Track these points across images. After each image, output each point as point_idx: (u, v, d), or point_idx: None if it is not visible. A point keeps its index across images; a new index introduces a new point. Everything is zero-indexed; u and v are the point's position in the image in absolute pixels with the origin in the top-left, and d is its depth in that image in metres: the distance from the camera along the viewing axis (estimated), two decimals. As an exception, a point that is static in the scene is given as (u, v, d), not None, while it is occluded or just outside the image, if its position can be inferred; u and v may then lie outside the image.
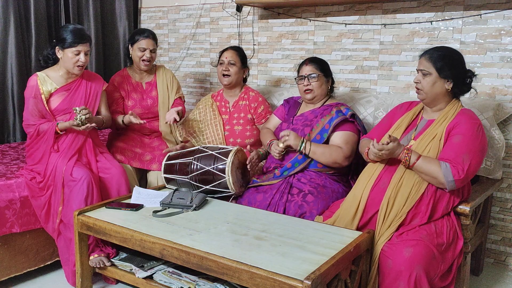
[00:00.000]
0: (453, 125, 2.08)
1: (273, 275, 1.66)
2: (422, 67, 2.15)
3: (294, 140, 2.46)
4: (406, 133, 2.23)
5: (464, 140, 2.02)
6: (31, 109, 2.59)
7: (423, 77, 2.14)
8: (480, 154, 2.03)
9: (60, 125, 2.56)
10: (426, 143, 2.11)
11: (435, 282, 1.97)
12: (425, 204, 2.05)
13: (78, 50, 2.58)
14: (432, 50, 2.17)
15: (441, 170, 1.98)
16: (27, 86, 2.63)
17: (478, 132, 2.05)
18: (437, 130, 2.11)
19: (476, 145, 2.02)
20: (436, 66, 2.12)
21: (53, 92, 2.64)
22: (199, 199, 2.36)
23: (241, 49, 3.04)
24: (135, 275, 2.20)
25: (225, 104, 3.02)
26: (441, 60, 2.13)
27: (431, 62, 2.13)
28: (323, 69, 2.63)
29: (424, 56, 2.17)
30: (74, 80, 2.70)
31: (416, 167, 2.03)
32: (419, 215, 2.05)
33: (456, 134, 2.05)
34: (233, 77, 2.93)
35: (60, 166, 2.51)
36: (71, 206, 2.44)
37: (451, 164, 1.98)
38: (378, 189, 2.12)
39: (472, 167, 1.99)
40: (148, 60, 3.02)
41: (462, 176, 1.97)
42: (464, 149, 2.00)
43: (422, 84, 2.14)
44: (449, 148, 2.03)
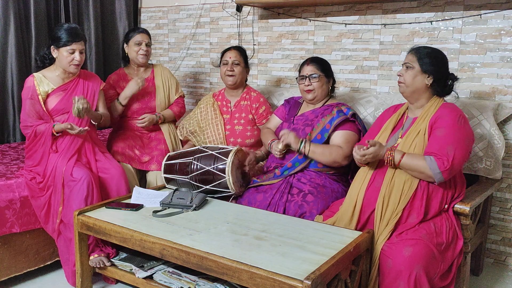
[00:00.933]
0: (434, 119, 2.12)
1: (273, 275, 1.66)
2: (407, 60, 2.21)
3: (293, 140, 2.46)
4: (393, 133, 2.27)
5: (447, 132, 2.05)
6: (28, 110, 2.58)
7: (406, 70, 2.20)
8: (464, 144, 2.06)
9: (56, 127, 2.55)
10: (411, 140, 2.15)
11: (435, 281, 1.97)
12: (419, 199, 2.08)
13: (73, 48, 2.58)
14: (419, 47, 2.24)
15: (426, 164, 2.01)
16: (24, 87, 2.63)
17: (459, 122, 2.08)
18: (421, 126, 2.15)
19: (460, 135, 2.05)
20: (420, 61, 2.18)
21: (50, 93, 2.63)
22: (199, 199, 2.36)
23: (244, 49, 3.04)
24: (135, 275, 2.20)
25: (227, 103, 3.02)
26: (426, 56, 2.20)
27: (416, 56, 2.20)
28: (324, 69, 2.63)
29: (411, 51, 2.23)
30: (71, 80, 2.69)
31: (402, 165, 2.07)
32: (415, 211, 2.07)
33: (439, 127, 2.09)
34: (238, 77, 2.93)
35: (60, 166, 2.51)
36: (71, 206, 2.44)
37: (436, 156, 2.02)
38: (372, 189, 2.14)
39: (457, 157, 2.02)
40: (145, 54, 3.04)
41: (448, 167, 1.99)
42: (448, 140, 2.03)
43: (405, 77, 2.20)
44: (433, 142, 2.07)
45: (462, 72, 2.86)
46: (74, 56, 2.58)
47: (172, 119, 3.18)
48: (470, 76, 2.84)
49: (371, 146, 2.08)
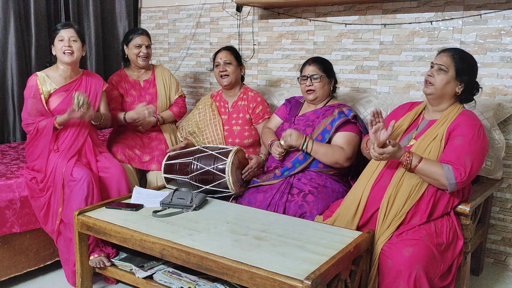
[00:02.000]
0: (454, 126, 2.08)
1: (273, 275, 1.66)
2: (441, 62, 2.12)
3: (296, 140, 2.45)
4: (407, 133, 2.23)
5: (466, 142, 2.02)
6: (30, 109, 2.58)
7: (438, 72, 2.11)
8: (481, 156, 2.04)
9: (58, 119, 2.55)
10: (427, 144, 2.10)
11: (435, 281, 1.97)
12: (425, 203, 2.05)
13: (62, 36, 2.59)
14: (455, 49, 2.15)
15: (443, 172, 1.98)
16: (26, 85, 2.63)
17: (479, 133, 2.05)
18: (438, 130, 2.11)
19: (477, 146, 2.02)
20: (457, 67, 2.10)
21: (52, 92, 2.64)
22: (199, 199, 2.36)
23: (234, 48, 3.03)
24: (135, 275, 2.20)
25: (224, 104, 3.02)
26: (463, 62, 2.11)
27: (453, 60, 2.11)
28: (326, 70, 2.63)
29: (447, 52, 2.14)
30: (73, 80, 2.70)
31: (418, 170, 2.03)
32: (419, 214, 2.05)
33: (457, 135, 2.05)
34: (232, 76, 2.93)
35: (60, 166, 2.51)
36: (72, 206, 2.44)
37: (453, 166, 1.98)
38: (379, 188, 2.12)
39: (474, 169, 1.99)
40: (146, 56, 3.05)
41: (464, 178, 1.97)
42: (466, 151, 2.00)
43: (435, 78, 2.12)
44: (450, 150, 2.03)
45: (462, 72, 2.86)
46: (63, 43, 2.59)
47: (171, 120, 3.18)
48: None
49: (391, 146, 2.02)
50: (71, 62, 2.64)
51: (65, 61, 2.62)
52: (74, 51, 2.62)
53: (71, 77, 2.69)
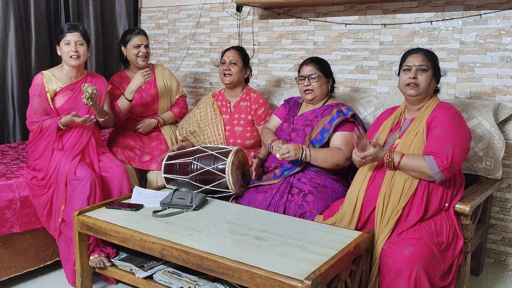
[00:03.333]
0: (431, 119, 2.13)
1: (273, 275, 1.66)
2: (419, 62, 2.17)
3: (295, 155, 2.42)
4: (391, 134, 2.28)
5: (444, 131, 2.06)
6: (36, 107, 2.60)
7: (420, 72, 2.17)
8: (462, 142, 2.07)
9: (63, 119, 2.57)
10: (410, 141, 2.15)
11: (435, 281, 1.97)
12: (419, 198, 2.08)
13: (68, 40, 2.60)
14: (424, 50, 2.23)
15: (426, 163, 2.02)
16: (32, 84, 2.65)
17: (456, 120, 2.09)
18: (419, 126, 2.16)
19: (457, 133, 2.06)
20: (433, 64, 2.19)
21: (58, 91, 2.65)
22: (199, 199, 2.36)
23: (243, 49, 3.04)
24: (135, 275, 2.20)
25: (226, 104, 3.02)
26: (435, 59, 2.21)
27: (428, 59, 2.19)
28: (323, 70, 2.63)
29: (419, 52, 2.20)
30: (79, 79, 2.72)
31: (402, 166, 2.07)
32: (415, 209, 2.07)
33: (436, 126, 2.10)
34: (234, 77, 2.93)
35: (64, 165, 2.52)
36: (74, 205, 2.44)
37: (435, 155, 2.02)
38: (373, 188, 2.15)
39: (456, 155, 2.02)
40: (145, 56, 3.05)
41: (447, 165, 2.00)
42: (445, 139, 2.04)
43: (419, 79, 2.17)
44: (430, 141, 2.08)
45: (462, 72, 2.86)
46: (70, 47, 2.60)
47: (172, 121, 3.18)
48: (470, 76, 2.84)
49: (372, 147, 2.08)
50: (77, 66, 2.66)
51: (71, 64, 2.64)
52: (81, 55, 2.64)
53: (77, 77, 2.72)
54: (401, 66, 2.26)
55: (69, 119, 2.55)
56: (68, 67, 2.67)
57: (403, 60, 2.25)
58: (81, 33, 2.65)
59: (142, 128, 3.03)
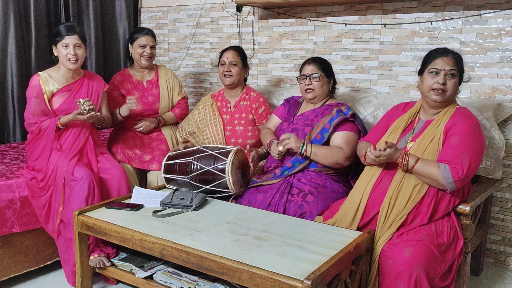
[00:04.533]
0: (450, 125, 2.07)
1: (273, 275, 1.66)
2: (449, 67, 2.05)
3: (295, 143, 2.44)
4: (403, 135, 2.22)
5: (462, 140, 2.01)
6: (33, 109, 2.59)
7: (450, 77, 2.06)
8: (478, 153, 2.03)
9: (62, 119, 2.56)
10: (425, 145, 2.09)
11: (435, 282, 1.96)
12: (426, 205, 2.05)
13: (66, 42, 2.59)
14: (454, 52, 2.10)
15: (440, 172, 1.97)
16: (29, 85, 2.63)
17: (475, 131, 2.04)
18: (436, 131, 2.10)
19: (474, 144, 2.01)
20: (460, 69, 2.09)
21: (55, 92, 2.64)
22: (199, 199, 2.36)
23: (242, 49, 3.04)
24: (135, 275, 2.20)
25: (226, 104, 3.02)
26: (462, 63, 2.10)
27: (457, 64, 2.07)
28: (325, 69, 2.63)
29: (449, 56, 2.08)
30: (75, 80, 2.71)
31: (415, 170, 2.03)
32: (420, 216, 2.05)
33: (454, 134, 2.04)
34: (235, 78, 2.93)
35: (61, 166, 2.51)
36: (72, 205, 2.44)
37: (450, 165, 1.98)
38: (379, 191, 2.11)
39: (471, 167, 1.98)
40: (149, 56, 3.05)
41: (462, 177, 1.96)
42: (462, 149, 1.99)
43: (448, 85, 2.06)
44: (447, 149, 2.03)
45: (462, 72, 2.86)
46: (68, 50, 2.58)
47: (173, 121, 3.18)
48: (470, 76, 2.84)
49: (388, 148, 2.01)
50: (76, 69, 2.66)
51: (69, 68, 2.63)
52: (79, 58, 2.63)
53: (73, 78, 2.70)
54: (425, 66, 2.12)
55: (68, 118, 2.55)
56: (66, 70, 2.66)
57: (430, 61, 2.10)
58: (80, 36, 2.64)
59: (142, 127, 3.03)
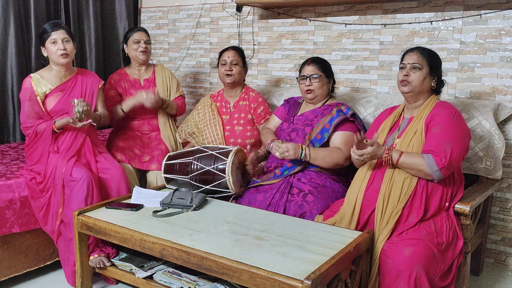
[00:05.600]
0: (430, 118, 2.14)
1: (273, 275, 1.66)
2: (413, 60, 2.20)
3: (294, 154, 2.42)
4: (390, 134, 2.28)
5: (443, 129, 2.07)
6: (28, 112, 2.57)
7: (413, 70, 2.19)
8: (461, 140, 2.08)
9: (57, 123, 2.55)
10: (408, 140, 2.16)
11: (435, 281, 1.97)
12: (418, 198, 2.08)
13: (54, 38, 2.57)
14: (422, 48, 2.25)
15: (424, 161, 2.03)
16: (22, 88, 2.62)
17: (455, 119, 2.10)
18: (417, 125, 2.17)
19: (456, 131, 2.07)
20: (429, 63, 2.20)
21: (48, 93, 2.62)
22: (199, 199, 2.36)
23: (241, 49, 3.05)
24: (135, 275, 2.20)
25: (226, 104, 3.02)
26: (433, 58, 2.22)
27: (424, 58, 2.20)
28: (325, 70, 2.63)
29: (415, 51, 2.23)
30: (68, 79, 2.68)
31: (401, 164, 2.08)
32: (415, 210, 2.07)
33: (434, 125, 2.10)
34: (236, 77, 2.93)
35: (60, 167, 2.50)
36: (72, 206, 2.44)
37: (433, 154, 2.03)
38: (372, 189, 2.15)
39: (454, 154, 2.03)
40: (145, 51, 3.05)
41: (446, 164, 2.01)
42: (444, 137, 2.05)
43: (412, 77, 2.19)
44: (429, 140, 2.09)
45: (462, 72, 2.86)
46: (57, 46, 2.56)
47: (174, 111, 3.13)
48: (470, 76, 2.84)
49: (369, 146, 2.08)
50: (67, 63, 2.64)
51: (61, 63, 2.60)
52: (69, 53, 2.60)
53: (66, 77, 2.68)
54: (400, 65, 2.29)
55: (63, 122, 2.53)
56: (56, 66, 2.63)
57: (401, 58, 2.29)
58: (66, 31, 2.62)
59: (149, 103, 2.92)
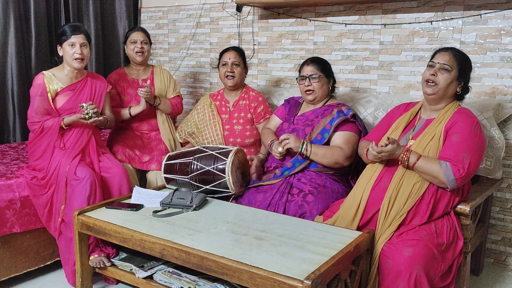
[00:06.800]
0: (451, 124, 2.09)
1: (273, 275, 1.66)
2: (444, 61, 2.11)
3: (294, 143, 2.45)
4: (404, 133, 2.23)
5: (463, 139, 2.02)
6: (37, 107, 2.60)
7: (442, 71, 2.11)
8: (479, 152, 2.04)
9: (66, 120, 2.57)
10: (425, 143, 2.11)
11: (435, 282, 1.97)
12: (425, 203, 2.05)
13: (73, 42, 2.59)
14: (456, 49, 2.16)
15: (441, 169, 1.98)
16: (33, 84, 2.64)
17: (476, 130, 2.06)
18: (436, 129, 2.12)
19: (475, 143, 2.03)
20: (460, 66, 2.12)
21: (59, 91, 2.65)
22: (199, 199, 2.36)
23: (242, 50, 3.04)
24: (135, 275, 2.20)
25: (225, 103, 3.01)
26: (465, 63, 2.14)
27: (455, 60, 2.12)
28: (324, 70, 2.63)
29: (449, 52, 2.14)
30: (79, 80, 2.71)
31: (417, 167, 2.03)
32: (420, 214, 2.05)
33: (455, 133, 2.06)
34: (238, 78, 2.93)
35: (64, 164, 2.51)
36: (73, 205, 2.44)
37: (452, 163, 1.99)
38: (379, 189, 2.12)
39: (472, 165, 2.00)
40: (141, 51, 3.05)
41: (463, 174, 1.97)
42: (463, 147, 2.01)
43: (439, 78, 2.10)
44: (448, 147, 2.04)
45: (462, 72, 2.86)
46: (75, 49, 2.59)
47: (168, 108, 3.11)
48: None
49: (390, 144, 2.03)
50: (81, 68, 2.67)
51: (75, 67, 2.64)
52: (85, 57, 2.64)
53: (77, 78, 2.71)
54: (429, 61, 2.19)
55: (72, 119, 2.56)
56: (69, 67, 2.67)
57: (432, 56, 2.18)
58: (85, 35, 2.66)
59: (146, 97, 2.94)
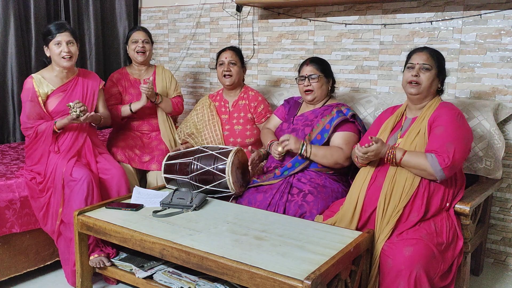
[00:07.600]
0: (433, 118, 2.13)
1: (273, 275, 1.66)
2: (423, 61, 2.16)
3: (294, 144, 2.45)
4: (392, 134, 2.27)
5: (446, 130, 2.07)
6: (29, 112, 2.56)
7: (423, 71, 2.16)
8: (464, 141, 2.08)
9: (58, 123, 2.54)
10: (411, 140, 2.16)
11: (435, 281, 1.97)
12: (420, 197, 2.08)
13: (58, 40, 2.55)
14: (430, 49, 2.22)
15: (428, 161, 2.02)
16: (23, 89, 2.61)
17: (458, 120, 2.10)
18: (421, 125, 2.16)
19: (459, 132, 2.07)
20: (438, 64, 2.18)
21: (49, 94, 2.61)
22: (199, 199, 2.36)
23: (239, 49, 3.04)
24: (135, 275, 2.20)
25: (225, 104, 3.01)
26: (442, 60, 2.21)
27: (433, 58, 2.18)
28: (323, 70, 2.63)
29: (425, 51, 2.19)
30: (70, 80, 2.68)
31: (404, 162, 2.08)
32: (415, 210, 2.07)
33: (438, 125, 2.10)
34: (235, 77, 2.93)
35: (60, 167, 2.50)
36: (72, 206, 2.44)
37: (437, 153, 2.03)
38: (374, 188, 2.15)
39: (457, 154, 2.03)
40: (143, 51, 3.05)
41: (449, 164, 2.00)
42: (447, 138, 2.05)
43: (421, 78, 2.16)
44: (432, 140, 2.08)
45: (462, 72, 2.86)
46: (62, 48, 2.55)
47: (169, 107, 3.11)
48: (470, 76, 2.84)
49: (374, 143, 2.07)
50: (70, 66, 2.63)
51: (64, 66, 2.59)
52: (73, 55, 2.60)
53: (68, 77, 2.68)
54: (406, 63, 2.25)
55: (64, 122, 2.53)
56: (58, 67, 2.62)
57: (408, 57, 2.25)
58: (71, 32, 2.61)
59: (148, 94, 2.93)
